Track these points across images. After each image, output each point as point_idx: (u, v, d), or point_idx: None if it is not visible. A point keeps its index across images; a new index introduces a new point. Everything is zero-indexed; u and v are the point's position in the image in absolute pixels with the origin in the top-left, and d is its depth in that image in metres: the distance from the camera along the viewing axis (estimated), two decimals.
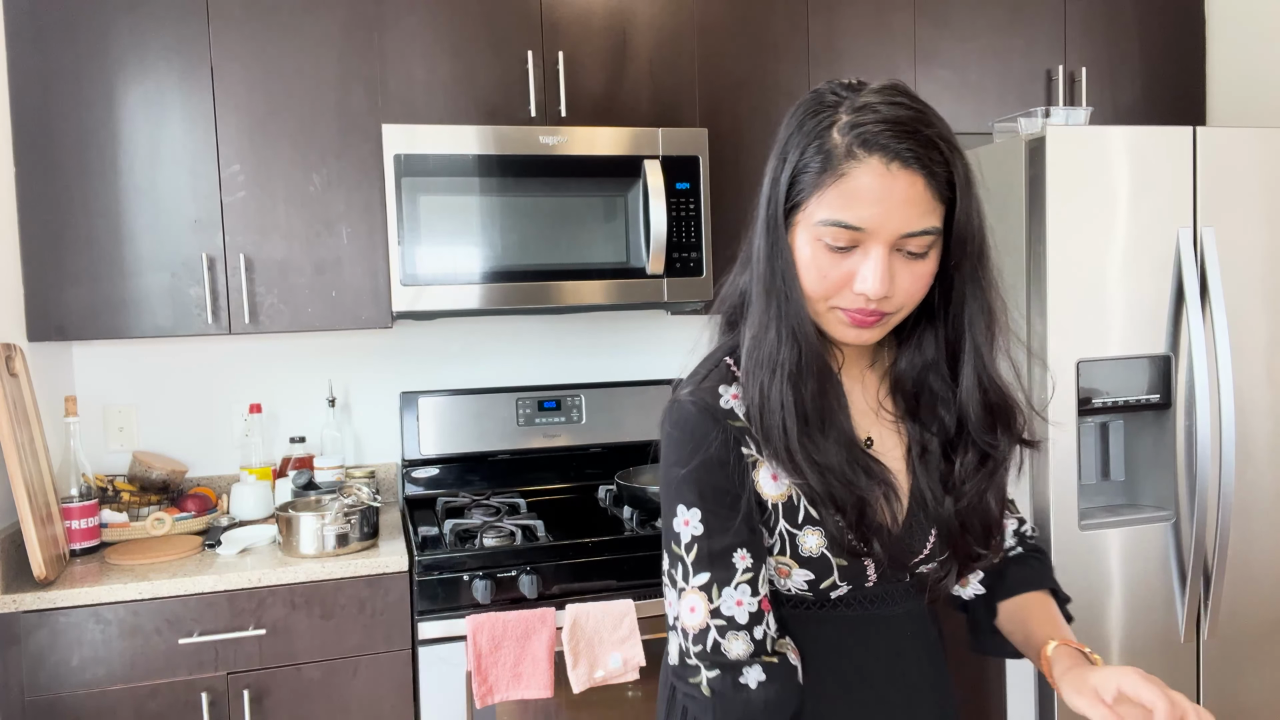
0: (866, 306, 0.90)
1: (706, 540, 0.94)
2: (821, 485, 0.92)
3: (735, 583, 0.93)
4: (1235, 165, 2.22)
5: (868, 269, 0.88)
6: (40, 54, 2.08)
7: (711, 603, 0.93)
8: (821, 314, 0.94)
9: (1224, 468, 2.20)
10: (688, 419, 0.96)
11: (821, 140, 0.88)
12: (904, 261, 0.89)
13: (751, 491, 0.95)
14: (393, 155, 2.18)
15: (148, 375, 2.49)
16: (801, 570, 0.97)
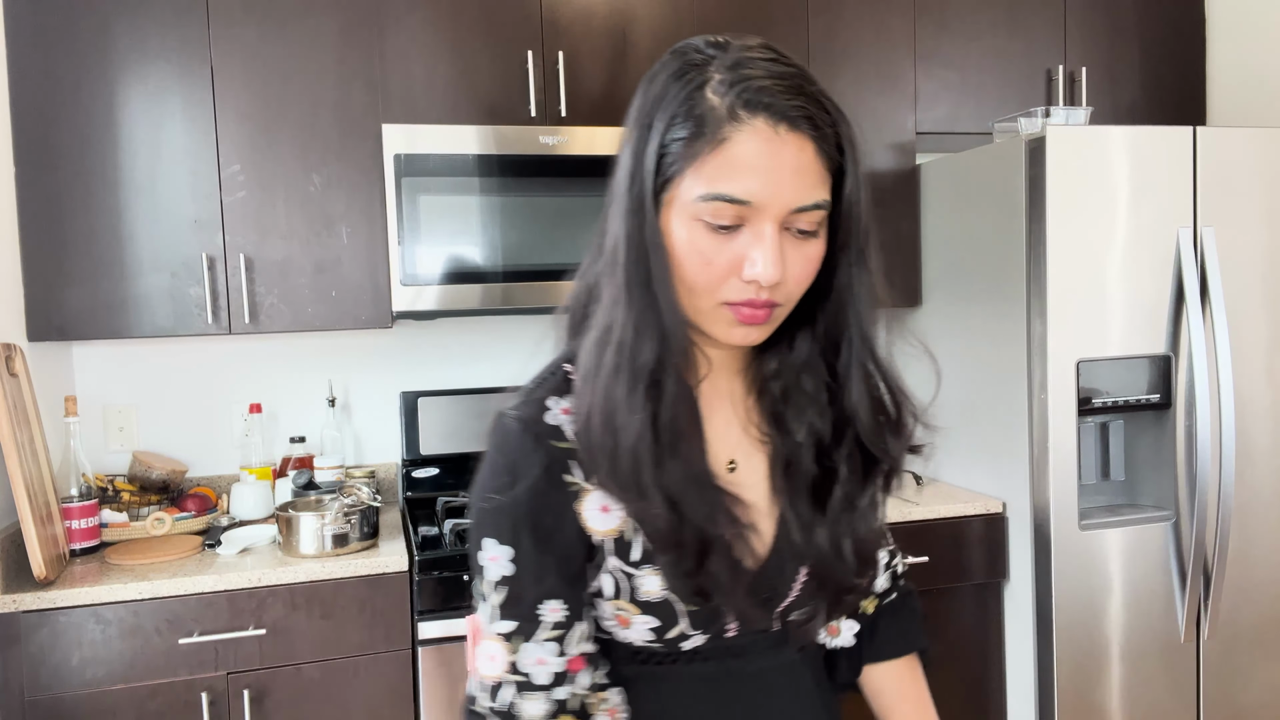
0: (758, 297, 0.75)
1: (516, 583, 0.80)
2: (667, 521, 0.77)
3: (540, 639, 0.79)
4: (1235, 165, 2.22)
5: (759, 251, 0.73)
6: (40, 54, 2.08)
7: (511, 655, 0.79)
8: (704, 312, 0.77)
9: (1224, 468, 2.20)
10: (507, 438, 0.81)
11: (694, 103, 0.73)
12: (794, 242, 0.76)
13: (575, 528, 0.80)
14: (393, 155, 2.18)
15: (148, 375, 2.49)
16: (644, 617, 0.82)
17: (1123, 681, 2.21)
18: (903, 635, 1.03)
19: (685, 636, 0.84)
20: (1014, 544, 2.32)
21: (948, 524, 2.33)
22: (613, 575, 0.82)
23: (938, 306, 2.59)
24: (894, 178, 2.62)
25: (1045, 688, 2.22)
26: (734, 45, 0.76)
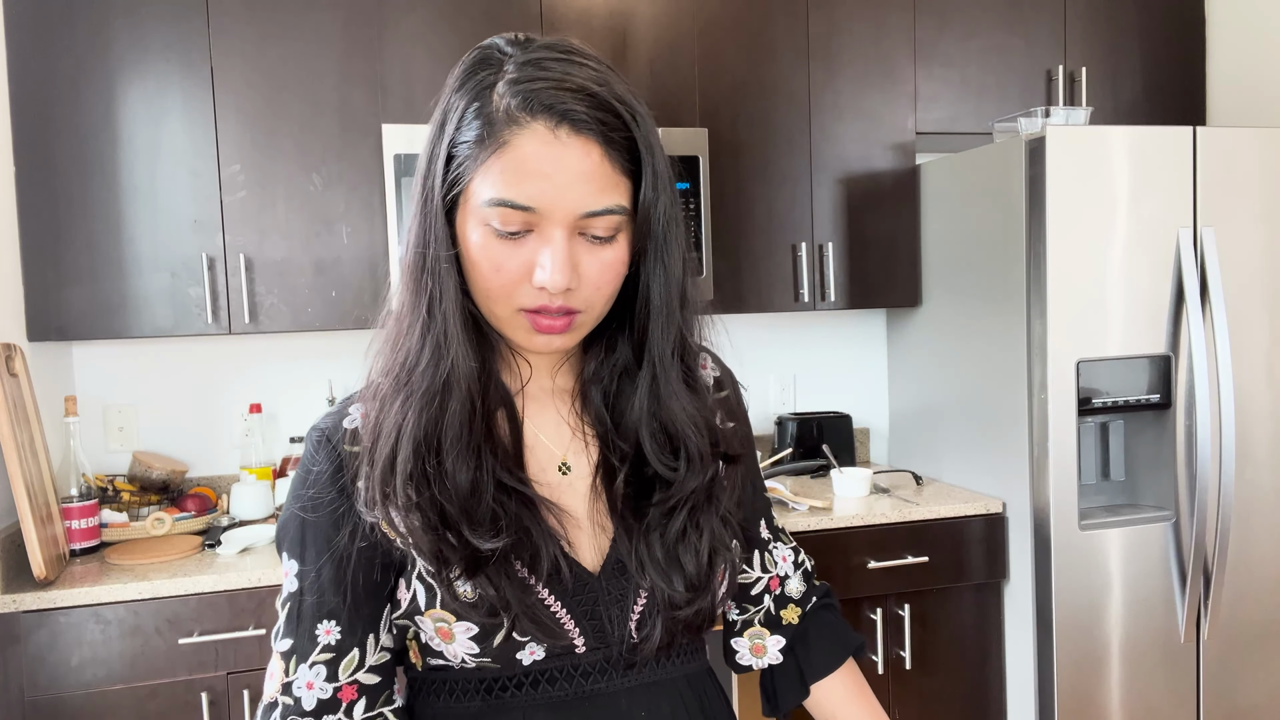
0: (551, 304, 0.73)
1: (299, 600, 0.78)
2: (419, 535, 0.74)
3: (311, 661, 0.77)
4: (1235, 165, 2.22)
5: (545, 257, 0.71)
6: (40, 54, 2.08)
7: (287, 676, 0.77)
8: (504, 319, 0.75)
9: (1224, 468, 2.20)
10: (309, 444, 0.80)
11: (481, 103, 0.72)
12: (588, 248, 0.73)
13: (367, 540, 0.77)
14: (393, 155, 2.18)
15: (148, 375, 2.49)
16: (461, 623, 0.77)
17: (1123, 682, 2.21)
18: (838, 640, 0.98)
19: (517, 645, 0.78)
20: (1014, 544, 2.32)
21: (947, 524, 2.33)
22: (422, 579, 0.78)
23: (938, 306, 2.59)
24: (894, 178, 2.62)
25: (1045, 688, 2.22)
26: (534, 44, 0.75)
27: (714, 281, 2.42)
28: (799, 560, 1.00)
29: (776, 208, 2.54)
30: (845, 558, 2.28)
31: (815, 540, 2.26)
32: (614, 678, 0.82)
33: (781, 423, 2.81)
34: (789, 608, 0.98)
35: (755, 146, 2.52)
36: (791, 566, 0.99)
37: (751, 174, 2.52)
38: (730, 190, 2.49)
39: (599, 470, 0.82)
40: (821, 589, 1.01)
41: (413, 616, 0.79)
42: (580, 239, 0.73)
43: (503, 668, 0.79)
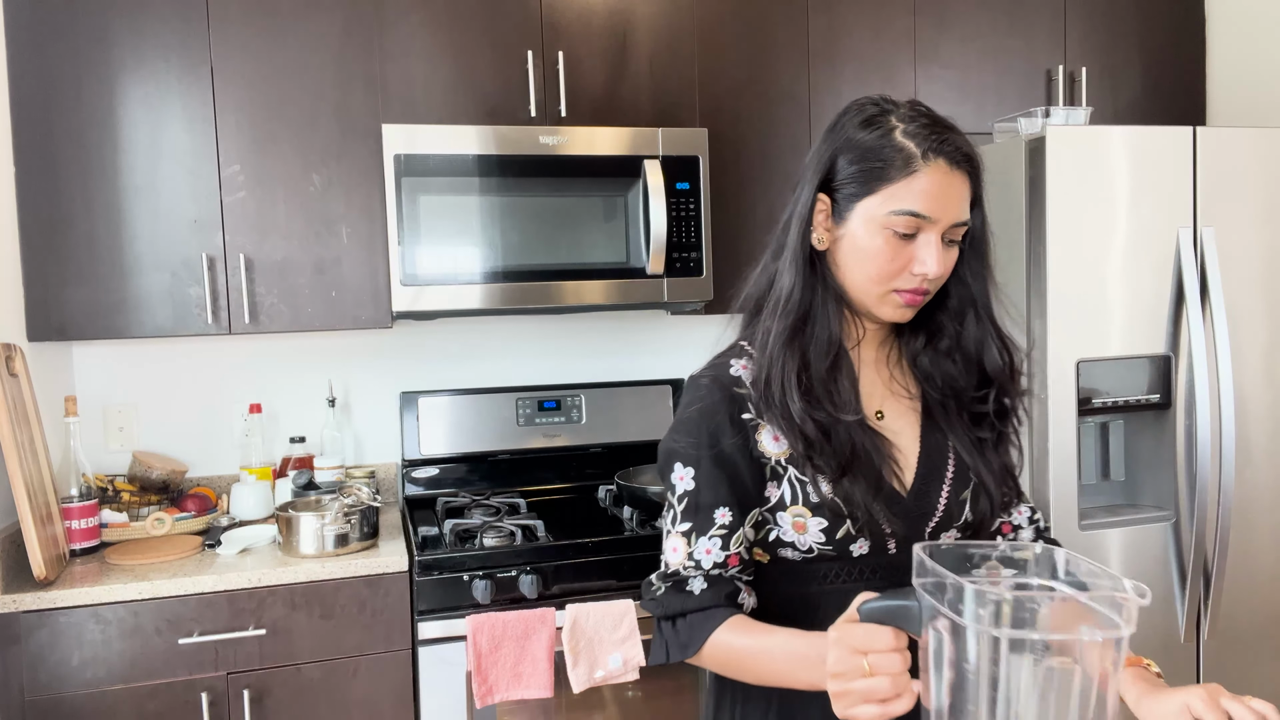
0: (921, 286, 1.04)
1: (695, 495, 1.06)
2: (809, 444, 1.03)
3: (710, 534, 1.05)
4: (1235, 165, 2.22)
5: (928, 254, 1.02)
6: (40, 54, 2.08)
7: (689, 546, 1.06)
8: (878, 296, 1.05)
9: (1224, 468, 2.20)
10: (698, 387, 1.09)
11: (891, 141, 1.02)
12: (945, 248, 1.04)
13: (751, 454, 1.06)
14: (393, 155, 2.18)
15: (148, 375, 2.49)
16: (816, 519, 1.04)
17: None
18: None
19: (852, 538, 1.04)
20: None
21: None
22: (790, 484, 1.06)
23: None
24: None
25: None
26: (899, 104, 1.06)
27: (714, 281, 2.42)
28: (1034, 518, 1.23)
29: (776, 208, 2.54)
30: None
31: None
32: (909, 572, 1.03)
33: None
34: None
35: (755, 146, 2.52)
36: (1026, 520, 1.23)
37: (751, 174, 2.52)
38: (730, 190, 2.49)
39: (917, 412, 1.13)
40: (1050, 540, 1.22)
41: (775, 512, 1.06)
42: (942, 243, 1.03)
43: (838, 556, 1.06)
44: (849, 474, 1.03)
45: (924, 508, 1.09)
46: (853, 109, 1.08)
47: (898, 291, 1.04)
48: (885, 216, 1.02)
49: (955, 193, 1.02)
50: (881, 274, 1.04)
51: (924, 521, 1.09)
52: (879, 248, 1.03)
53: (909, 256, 1.03)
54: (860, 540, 1.05)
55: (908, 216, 1.01)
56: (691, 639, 1.03)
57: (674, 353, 2.83)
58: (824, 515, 1.04)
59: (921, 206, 1.01)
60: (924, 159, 1.01)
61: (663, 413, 2.71)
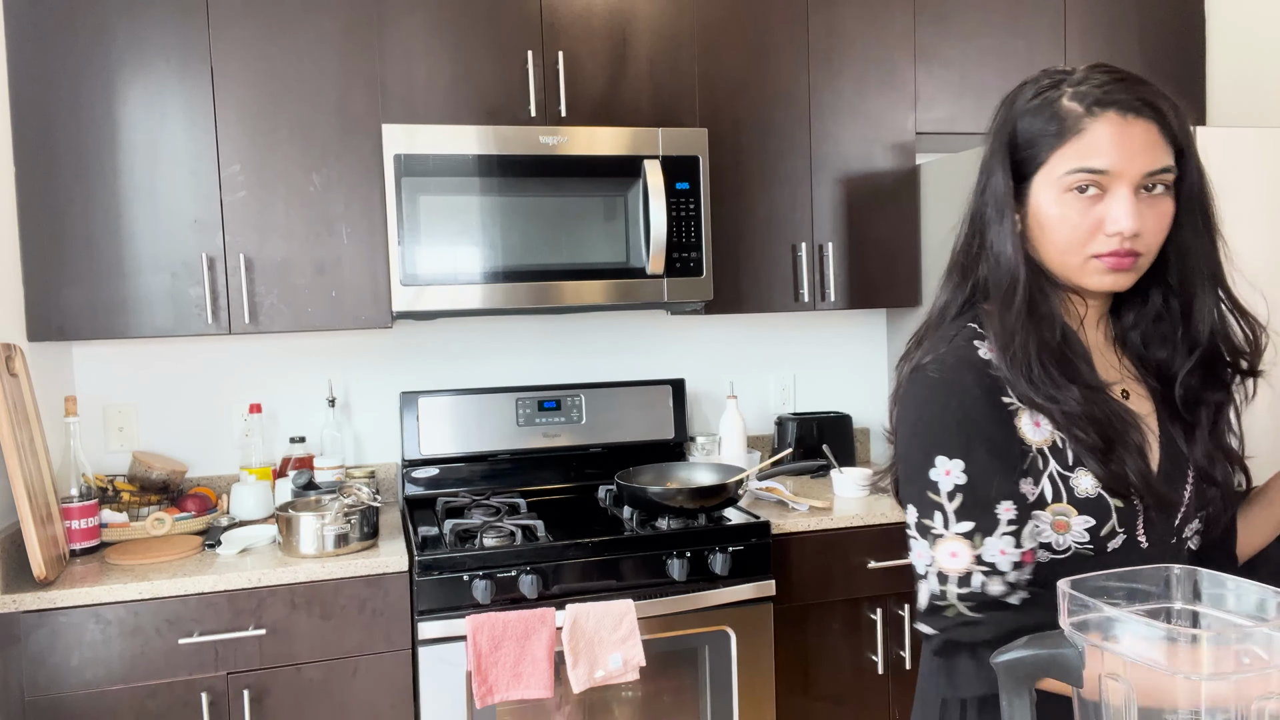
0: (1121, 247, 0.95)
1: (970, 490, 0.95)
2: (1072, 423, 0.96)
3: (1000, 533, 0.95)
4: (1235, 165, 2.22)
5: (1119, 208, 0.94)
6: (40, 54, 2.08)
7: (974, 549, 0.95)
8: (1078, 267, 0.98)
9: None
10: (944, 373, 0.99)
11: (1054, 109, 0.98)
12: (1149, 201, 0.96)
13: (1016, 440, 0.98)
14: (393, 155, 2.18)
15: (148, 375, 2.49)
16: (1080, 517, 0.98)
17: None
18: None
19: (1114, 534, 0.98)
20: None
21: None
22: (1052, 479, 0.98)
23: None
24: (894, 178, 2.62)
25: None
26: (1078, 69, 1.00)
27: (714, 281, 2.42)
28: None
29: (776, 208, 2.54)
30: (845, 558, 2.28)
31: (815, 540, 2.26)
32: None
33: (781, 423, 2.81)
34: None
35: (755, 146, 2.52)
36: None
37: (751, 174, 2.52)
38: (730, 190, 2.49)
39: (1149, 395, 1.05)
40: None
41: (1032, 510, 0.97)
42: (1143, 194, 0.95)
43: (1095, 554, 0.98)
44: (1116, 450, 0.96)
45: (1174, 497, 1.02)
46: (1027, 85, 1.05)
47: (1098, 256, 0.96)
48: (1061, 178, 0.96)
49: (1136, 141, 0.94)
50: (1071, 240, 0.97)
51: (1173, 513, 1.02)
52: (1062, 213, 0.97)
53: (1099, 216, 0.95)
54: (1118, 536, 0.99)
55: (1082, 174, 0.95)
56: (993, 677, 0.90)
57: (674, 353, 2.83)
58: (1090, 513, 0.97)
59: (1096, 160, 0.94)
60: (1089, 114, 0.95)
61: (662, 413, 2.71)
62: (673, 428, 2.71)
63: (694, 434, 2.81)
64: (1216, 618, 0.77)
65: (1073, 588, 0.75)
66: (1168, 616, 0.79)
